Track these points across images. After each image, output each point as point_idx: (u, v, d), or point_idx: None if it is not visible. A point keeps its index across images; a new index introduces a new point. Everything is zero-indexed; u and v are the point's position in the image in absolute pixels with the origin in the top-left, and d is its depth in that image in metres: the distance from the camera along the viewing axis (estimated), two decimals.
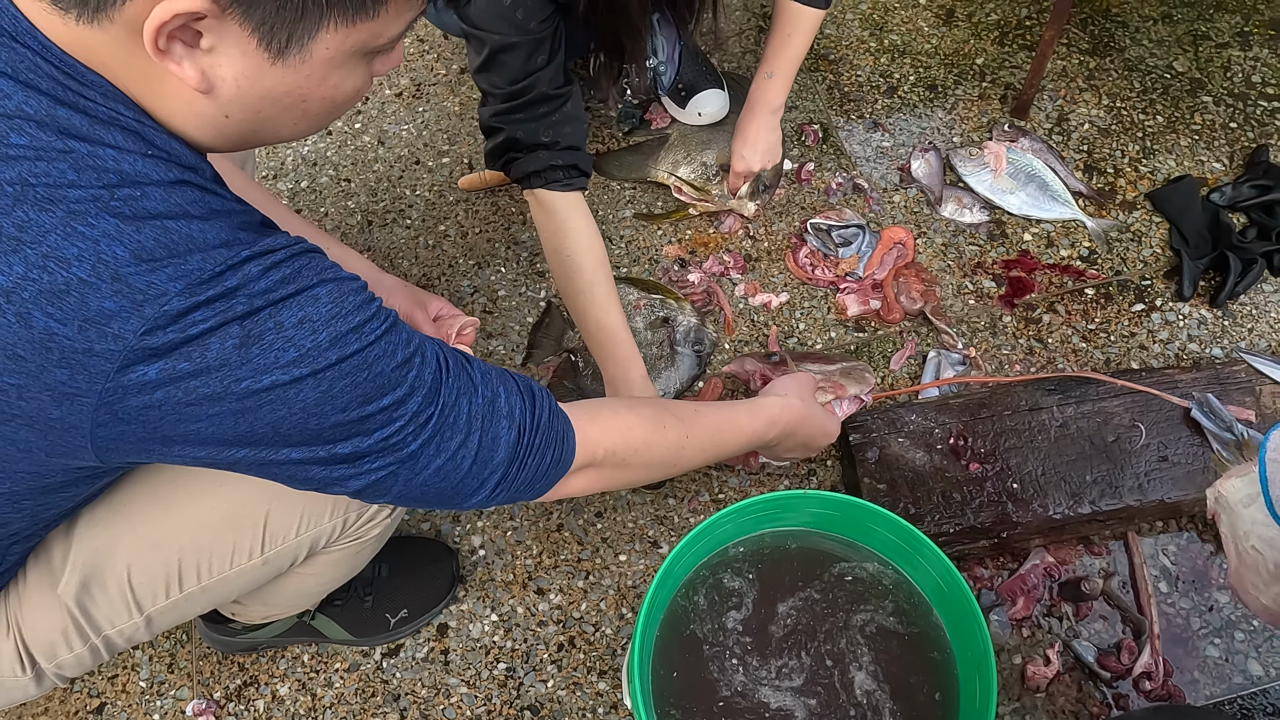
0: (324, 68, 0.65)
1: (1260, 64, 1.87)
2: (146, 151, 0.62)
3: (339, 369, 0.67)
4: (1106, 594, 1.29)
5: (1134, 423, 1.34)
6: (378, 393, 0.70)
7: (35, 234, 0.58)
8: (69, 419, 0.63)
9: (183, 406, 0.63)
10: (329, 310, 0.66)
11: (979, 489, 1.30)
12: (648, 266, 1.63)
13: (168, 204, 0.62)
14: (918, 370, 1.50)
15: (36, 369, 0.60)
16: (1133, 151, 1.75)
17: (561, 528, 1.38)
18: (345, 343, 0.67)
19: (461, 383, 0.78)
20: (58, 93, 0.60)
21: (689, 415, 1.05)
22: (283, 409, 0.66)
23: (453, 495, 0.81)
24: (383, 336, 0.70)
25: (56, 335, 0.59)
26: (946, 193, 1.69)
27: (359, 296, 0.69)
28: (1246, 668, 1.25)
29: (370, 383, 0.69)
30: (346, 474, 0.73)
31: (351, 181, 1.77)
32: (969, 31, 1.95)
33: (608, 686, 1.26)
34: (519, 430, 0.82)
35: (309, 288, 0.66)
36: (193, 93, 0.63)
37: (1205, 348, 1.51)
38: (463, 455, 0.78)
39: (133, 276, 0.59)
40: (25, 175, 0.58)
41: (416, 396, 0.73)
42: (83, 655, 0.90)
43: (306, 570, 1.02)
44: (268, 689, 1.27)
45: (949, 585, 1.08)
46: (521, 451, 0.83)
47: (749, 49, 1.94)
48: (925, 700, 1.08)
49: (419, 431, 0.74)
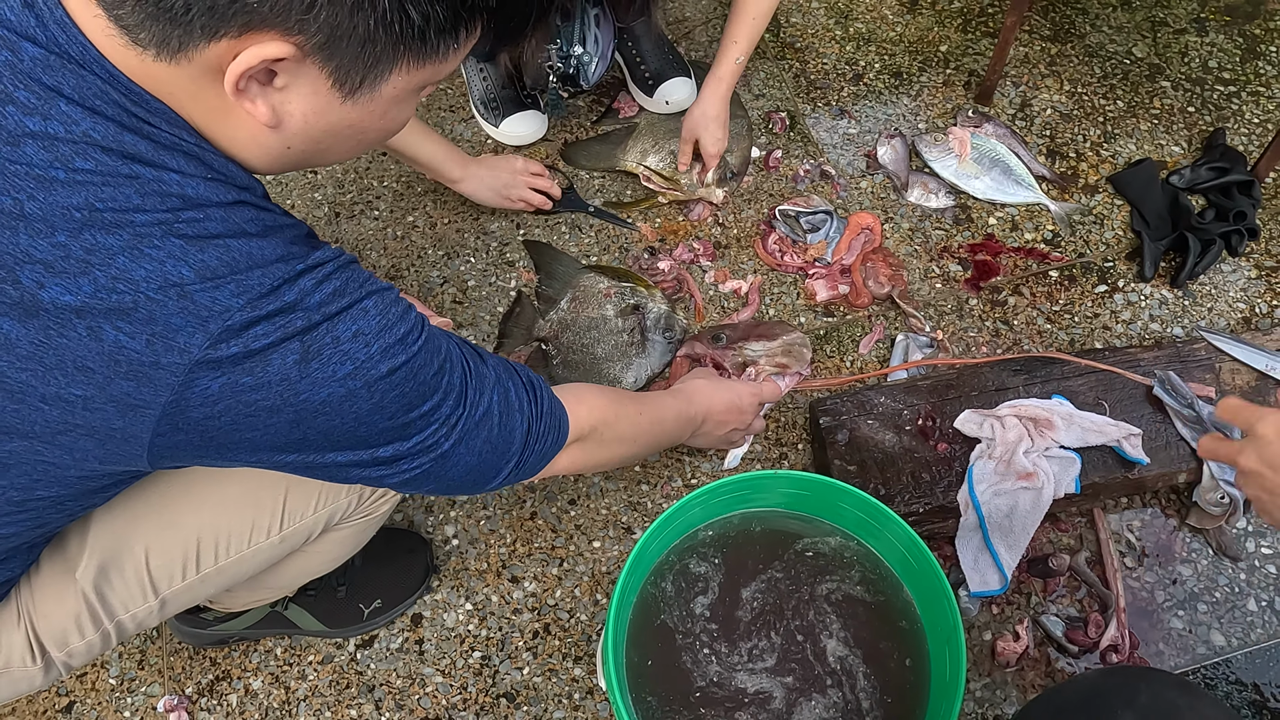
0: (388, 104, 0.69)
1: (1216, 49, 1.90)
2: (207, 175, 0.65)
3: (390, 380, 0.70)
4: (1073, 569, 1.31)
5: (1098, 401, 1.36)
6: (419, 399, 0.74)
7: (103, 256, 0.60)
8: (130, 429, 0.65)
9: (242, 418, 0.66)
10: (378, 323, 0.70)
11: (948, 468, 1.32)
12: (618, 255, 1.63)
13: (227, 224, 0.64)
14: (886, 353, 1.51)
15: (104, 380, 0.62)
16: (1094, 136, 1.78)
17: (535, 515, 1.38)
18: (394, 354, 0.70)
19: (480, 381, 0.82)
20: (123, 119, 0.62)
21: (638, 396, 1.12)
22: (336, 419, 0.69)
23: (474, 484, 0.87)
24: (424, 345, 0.74)
25: (125, 349, 0.61)
26: (912, 178, 1.70)
27: (399, 307, 0.73)
28: (1209, 639, 1.27)
29: (414, 391, 0.73)
30: (385, 474, 0.77)
31: (318, 173, 1.76)
32: (933, 19, 1.97)
33: (583, 672, 1.26)
34: (528, 421, 0.88)
35: (359, 301, 0.69)
36: (259, 125, 0.66)
37: (1166, 327, 1.54)
38: (486, 450, 0.84)
39: (198, 294, 0.62)
40: (92, 200, 0.60)
41: (450, 399, 0.77)
42: (94, 642, 0.90)
43: (313, 549, 1.03)
44: (240, 683, 1.26)
45: (918, 562, 1.10)
46: (531, 440, 0.89)
47: (715, 38, 1.94)
48: (897, 666, 1.10)
49: (450, 433, 0.78)
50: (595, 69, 1.64)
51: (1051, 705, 0.80)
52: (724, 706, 1.07)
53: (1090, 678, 0.80)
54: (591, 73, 1.64)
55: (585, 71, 1.63)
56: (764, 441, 1.43)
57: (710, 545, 1.17)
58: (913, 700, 1.07)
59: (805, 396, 1.47)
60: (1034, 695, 1.23)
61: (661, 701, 1.07)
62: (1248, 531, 1.35)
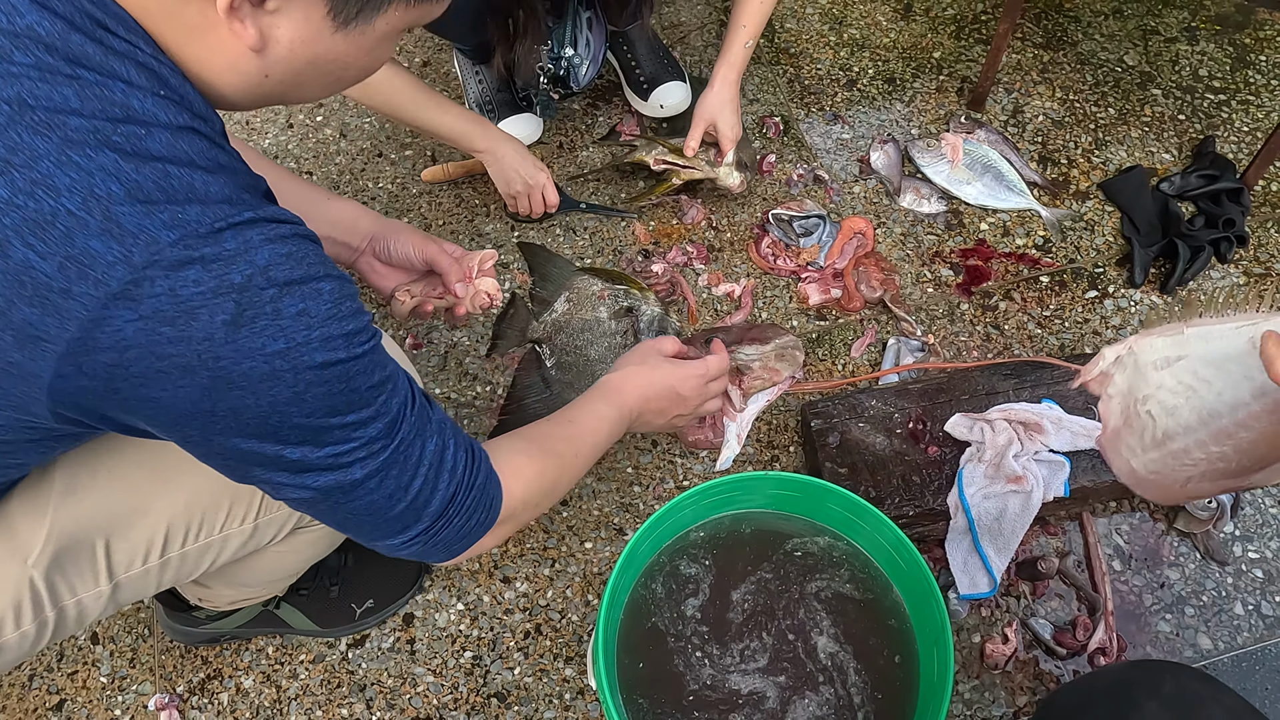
0: (376, 41, 0.66)
1: (1207, 58, 1.91)
2: (159, 91, 0.59)
3: (321, 374, 0.64)
4: (1062, 573, 1.32)
5: (1087, 405, 1.37)
6: (346, 407, 0.67)
7: (26, 158, 0.54)
8: (30, 365, 0.58)
9: (153, 372, 0.59)
10: (329, 309, 0.63)
11: (938, 472, 1.32)
12: (612, 257, 1.63)
13: (173, 149, 0.58)
14: (878, 357, 1.52)
15: (4, 304, 0.56)
16: (1085, 143, 1.79)
17: None
18: (335, 347, 0.64)
19: (421, 423, 0.75)
20: (75, 19, 0.56)
21: (569, 430, 1.01)
22: (250, 398, 0.62)
23: (371, 531, 0.78)
24: (369, 353, 0.67)
25: (34, 269, 0.55)
26: (905, 183, 1.71)
27: (355, 303, 0.67)
28: (1196, 642, 1.28)
29: (343, 395, 0.66)
30: (284, 481, 0.70)
31: (314, 174, 1.76)
32: (926, 26, 1.99)
33: (574, 672, 1.26)
34: (456, 487, 0.79)
35: (315, 279, 0.62)
36: (241, 49, 0.62)
37: None
38: (399, 496, 0.75)
39: (125, 216, 0.55)
40: (24, 95, 0.55)
41: (379, 422, 0.70)
42: (28, 633, 0.83)
43: (285, 548, 1.01)
44: (231, 682, 1.26)
45: (907, 562, 1.10)
46: (452, 510, 0.80)
47: (710, 43, 1.95)
48: (886, 663, 1.11)
49: (368, 460, 0.71)
50: (586, 72, 1.65)
51: (1077, 693, 0.81)
52: (717, 709, 1.08)
53: (1115, 669, 0.81)
54: (582, 75, 1.65)
55: (576, 73, 1.64)
56: (755, 444, 1.44)
57: (701, 546, 1.18)
58: (902, 698, 1.08)
59: (797, 399, 1.48)
60: (1022, 697, 1.24)
61: (653, 704, 1.08)
62: (1235, 536, 1.36)
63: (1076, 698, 0.80)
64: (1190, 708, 0.69)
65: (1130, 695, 0.72)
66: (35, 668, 1.27)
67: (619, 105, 1.84)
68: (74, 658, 1.28)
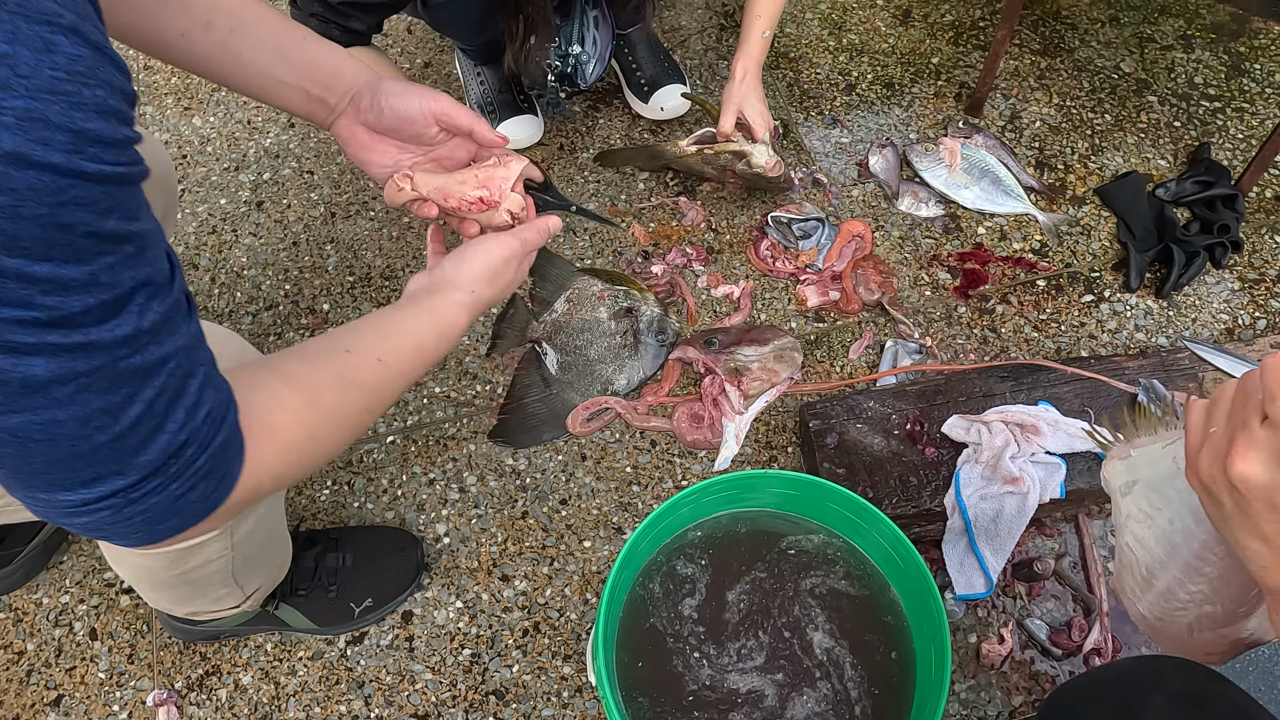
0: None
1: (1202, 66, 1.93)
2: None
3: (6, 175, 0.42)
4: (1058, 574, 1.32)
5: (1083, 408, 1.38)
6: (40, 250, 0.44)
7: None
8: None
9: None
10: (58, 80, 0.43)
11: (935, 473, 1.33)
12: (612, 258, 1.64)
13: None
14: (876, 359, 1.53)
15: None
16: (1082, 148, 1.81)
17: (526, 515, 1.39)
18: (51, 143, 0.43)
19: (166, 325, 0.53)
20: None
21: (368, 339, 0.78)
22: None
23: (39, 473, 0.53)
24: (114, 181, 0.46)
25: None
26: (903, 187, 1.72)
27: (118, 102, 0.47)
28: None
29: (39, 227, 0.44)
30: None
31: (315, 174, 1.77)
32: (925, 31, 2.00)
33: (572, 670, 1.27)
34: (189, 436, 0.56)
35: (59, 27, 0.43)
36: None
37: (1151, 336, 1.56)
38: (101, 424, 0.52)
39: None
40: None
41: (90, 296, 0.47)
42: None
43: None
44: (230, 678, 1.26)
45: (904, 560, 1.11)
46: (174, 466, 0.56)
47: (710, 46, 1.97)
48: (883, 659, 1.11)
49: (62, 353, 0.47)
50: (593, 69, 1.66)
51: (1084, 685, 0.82)
52: (717, 709, 1.08)
53: (1123, 663, 0.81)
54: (589, 73, 1.66)
55: (583, 71, 1.65)
56: (754, 444, 1.45)
57: (699, 545, 1.18)
58: (899, 693, 1.09)
59: (795, 400, 1.48)
60: (1018, 697, 1.25)
61: (653, 703, 1.08)
62: None
63: (1082, 693, 0.80)
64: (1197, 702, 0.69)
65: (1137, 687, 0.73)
66: (34, 663, 1.27)
67: (619, 108, 1.85)
68: (72, 653, 1.28)
